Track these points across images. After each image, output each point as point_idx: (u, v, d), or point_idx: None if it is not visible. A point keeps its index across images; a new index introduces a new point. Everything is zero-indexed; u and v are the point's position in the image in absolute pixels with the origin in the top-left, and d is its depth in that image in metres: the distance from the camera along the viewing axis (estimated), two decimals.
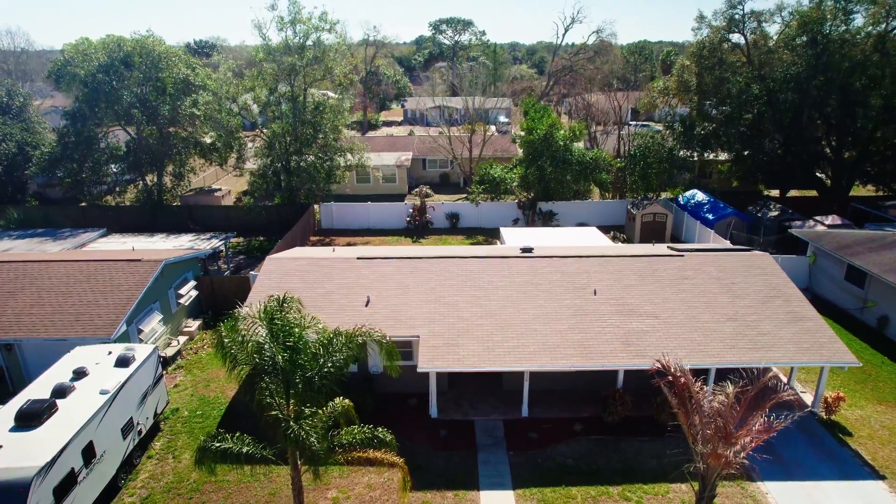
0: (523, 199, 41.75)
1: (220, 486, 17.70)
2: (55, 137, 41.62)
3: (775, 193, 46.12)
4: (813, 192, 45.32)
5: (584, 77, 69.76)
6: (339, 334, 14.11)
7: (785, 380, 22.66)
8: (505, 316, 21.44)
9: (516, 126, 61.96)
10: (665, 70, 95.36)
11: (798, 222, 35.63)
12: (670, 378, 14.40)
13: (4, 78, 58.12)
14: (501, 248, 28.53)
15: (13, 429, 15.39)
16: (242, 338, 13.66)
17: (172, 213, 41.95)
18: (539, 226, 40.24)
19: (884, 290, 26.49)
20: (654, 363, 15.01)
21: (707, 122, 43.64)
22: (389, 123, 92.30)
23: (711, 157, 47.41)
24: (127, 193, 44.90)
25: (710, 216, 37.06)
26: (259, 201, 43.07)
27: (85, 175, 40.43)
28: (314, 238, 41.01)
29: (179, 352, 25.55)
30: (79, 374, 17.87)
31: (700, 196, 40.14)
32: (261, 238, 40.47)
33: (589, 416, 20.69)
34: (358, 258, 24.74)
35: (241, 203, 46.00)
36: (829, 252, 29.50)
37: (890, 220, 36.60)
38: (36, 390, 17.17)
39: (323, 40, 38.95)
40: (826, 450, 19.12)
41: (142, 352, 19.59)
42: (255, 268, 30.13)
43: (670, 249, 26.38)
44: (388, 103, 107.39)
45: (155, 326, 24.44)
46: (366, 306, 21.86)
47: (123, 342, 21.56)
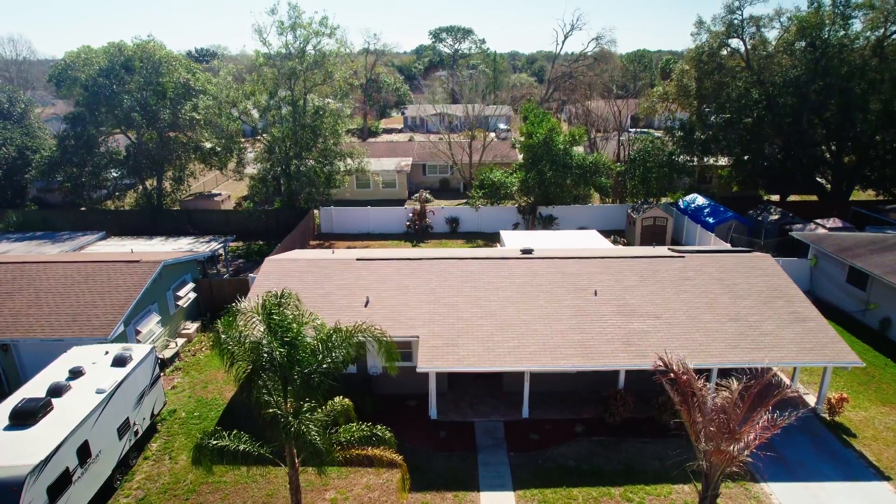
0: (523, 204, 41.67)
1: (217, 488, 17.47)
2: (55, 142, 41.62)
3: (775, 198, 46.06)
4: (813, 197, 45.25)
5: (584, 83, 69.94)
6: (338, 330, 13.97)
7: (787, 381, 22.47)
8: (505, 316, 21.29)
9: (516, 132, 62.02)
10: (664, 78, 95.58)
11: (798, 225, 35.53)
12: (672, 375, 14.24)
13: (6, 85, 58.25)
14: (501, 250, 28.40)
15: (7, 427, 15.24)
16: (240, 333, 13.54)
17: (172, 218, 41.88)
18: (539, 230, 40.13)
19: (886, 292, 26.34)
20: (656, 361, 14.86)
21: (706, 127, 43.62)
22: (389, 131, 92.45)
23: (711, 162, 47.39)
24: (126, 198, 44.88)
25: (711, 220, 36.96)
26: (259, 206, 42.98)
27: (84, 179, 40.40)
28: (314, 243, 40.87)
29: (177, 354, 25.37)
30: (75, 374, 17.72)
31: (700, 200, 40.06)
32: (260, 242, 40.40)
33: (590, 418, 20.51)
34: (357, 259, 24.64)
35: (241, 208, 45.93)
36: (831, 254, 29.37)
37: (891, 224, 36.53)
38: (31, 389, 17.00)
39: (323, 45, 39.05)
40: (830, 451, 18.90)
41: (139, 352, 19.44)
42: (254, 271, 29.98)
43: (671, 251, 26.27)
44: (389, 111, 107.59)
45: (153, 328, 24.28)
46: (365, 307, 21.72)
47: (121, 343, 21.37)
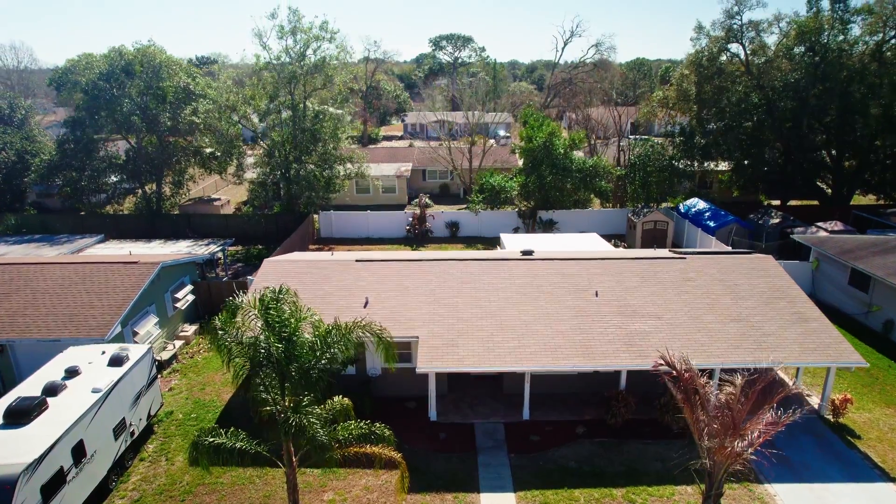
0: (523, 208, 41.59)
1: (214, 489, 17.24)
2: (55, 147, 41.60)
3: (776, 203, 45.96)
4: (814, 202, 45.17)
5: (584, 90, 70.06)
6: (337, 326, 13.81)
7: (790, 382, 22.25)
8: (505, 317, 21.12)
9: (516, 138, 62.05)
10: (664, 84, 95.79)
11: (800, 229, 35.43)
12: (674, 374, 14.07)
13: (7, 92, 58.35)
14: (502, 252, 28.26)
15: (1, 426, 15.04)
16: (237, 329, 13.38)
17: (171, 222, 41.76)
18: (540, 234, 40.03)
19: (888, 294, 26.19)
20: (658, 359, 14.70)
21: (706, 132, 43.61)
22: (390, 138, 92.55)
23: (712, 167, 47.36)
24: (125, 203, 44.75)
25: (712, 223, 36.85)
26: (258, 210, 42.88)
27: (84, 184, 40.33)
28: (313, 247, 40.73)
29: (175, 355, 25.16)
30: (71, 373, 17.53)
31: (701, 204, 39.96)
32: (259, 246, 40.22)
33: (591, 419, 20.29)
34: (356, 260, 24.51)
35: (241, 212, 45.86)
36: (833, 257, 29.23)
37: (892, 227, 36.42)
38: (27, 388, 16.81)
39: (323, 49, 39.13)
40: (835, 452, 18.67)
41: (136, 352, 19.25)
42: (253, 274, 29.80)
43: (672, 252, 26.15)
44: (389, 118, 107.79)
45: (151, 329, 24.11)
46: (364, 307, 21.55)
47: (118, 343, 21.18)
